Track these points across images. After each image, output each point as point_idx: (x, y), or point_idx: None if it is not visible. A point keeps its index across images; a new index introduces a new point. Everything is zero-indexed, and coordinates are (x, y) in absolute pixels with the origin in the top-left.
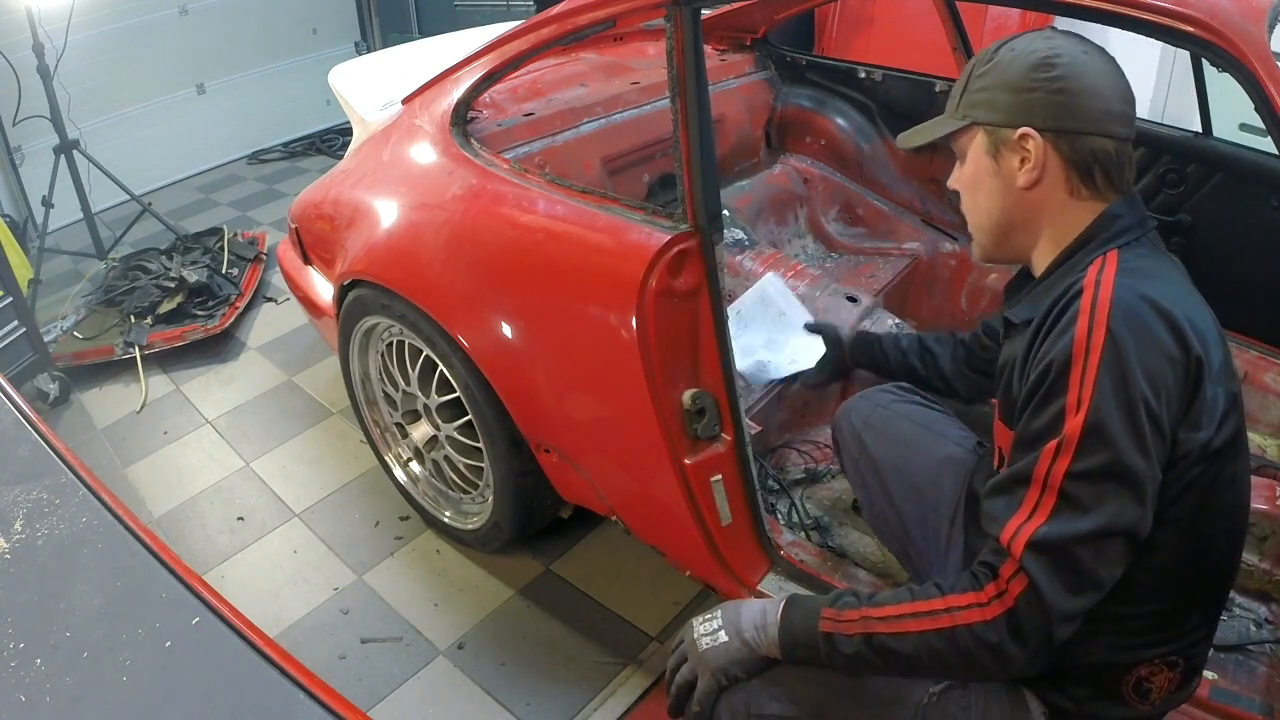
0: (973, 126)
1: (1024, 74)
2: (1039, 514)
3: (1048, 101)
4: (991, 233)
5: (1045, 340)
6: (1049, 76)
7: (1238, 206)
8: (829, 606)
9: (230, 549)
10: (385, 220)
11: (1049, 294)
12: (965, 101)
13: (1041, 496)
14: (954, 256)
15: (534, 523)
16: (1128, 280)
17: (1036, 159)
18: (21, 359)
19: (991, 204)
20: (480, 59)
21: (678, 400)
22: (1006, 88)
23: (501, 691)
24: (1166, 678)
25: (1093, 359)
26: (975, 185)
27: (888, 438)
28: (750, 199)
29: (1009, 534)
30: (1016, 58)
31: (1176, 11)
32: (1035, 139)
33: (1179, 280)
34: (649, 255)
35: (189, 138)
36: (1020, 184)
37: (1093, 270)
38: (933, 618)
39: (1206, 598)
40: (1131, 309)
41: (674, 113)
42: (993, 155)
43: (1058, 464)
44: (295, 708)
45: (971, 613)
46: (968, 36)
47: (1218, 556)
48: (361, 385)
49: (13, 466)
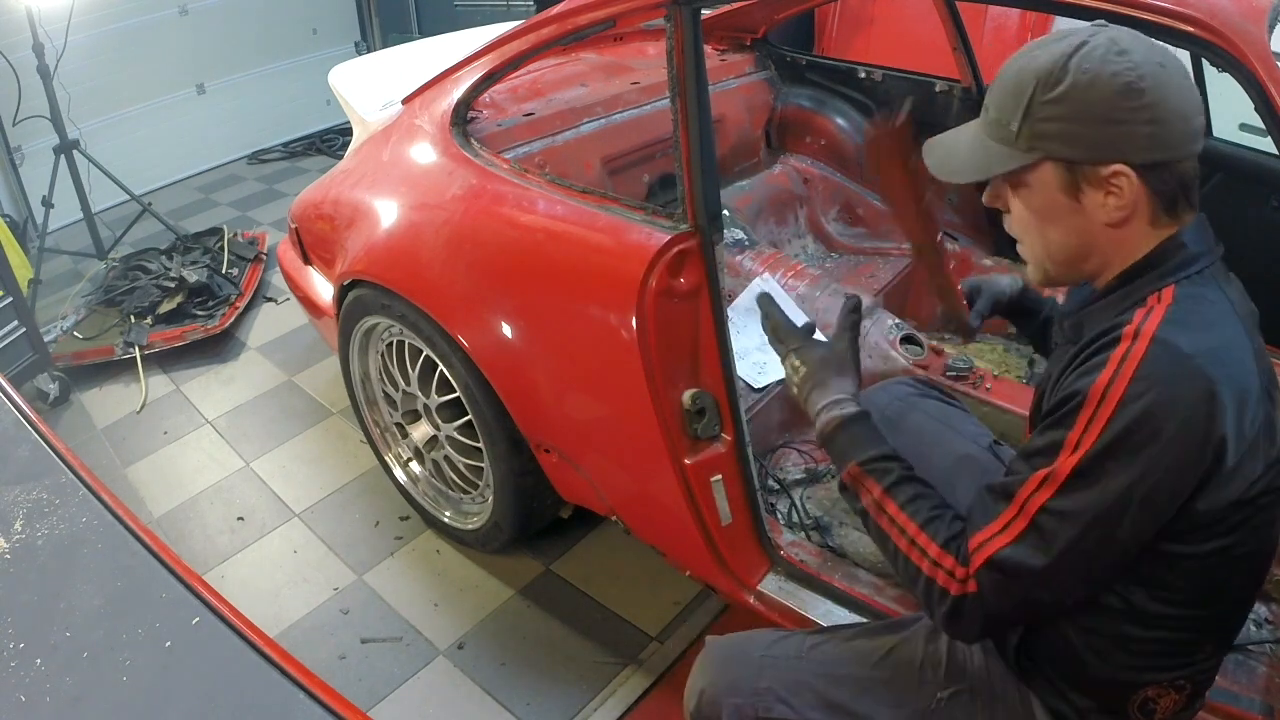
0: (1043, 160)
1: (1110, 103)
2: (1006, 534)
3: (1139, 134)
4: (1064, 265)
5: (1074, 371)
6: (1139, 105)
7: (1237, 206)
8: (859, 464)
9: (230, 549)
10: (385, 220)
11: (1100, 319)
12: (1031, 131)
13: (1014, 519)
14: (954, 256)
15: (534, 523)
16: (1170, 334)
17: (1130, 197)
18: (21, 359)
19: (1067, 240)
20: (480, 59)
21: (678, 400)
22: (1090, 119)
23: (501, 691)
24: (1172, 699)
25: (1103, 411)
26: (1045, 221)
27: (904, 431)
28: (750, 199)
29: (975, 543)
30: (1096, 82)
31: (1176, 11)
32: (1130, 177)
33: (1229, 325)
34: (649, 255)
35: (189, 138)
36: (1105, 220)
37: (1138, 315)
38: (919, 552)
39: (1222, 629)
40: (1157, 379)
41: (674, 113)
42: (1071, 193)
43: (1039, 493)
44: (295, 708)
45: (940, 573)
46: (968, 36)
47: (1237, 595)
48: (361, 385)
49: (13, 466)
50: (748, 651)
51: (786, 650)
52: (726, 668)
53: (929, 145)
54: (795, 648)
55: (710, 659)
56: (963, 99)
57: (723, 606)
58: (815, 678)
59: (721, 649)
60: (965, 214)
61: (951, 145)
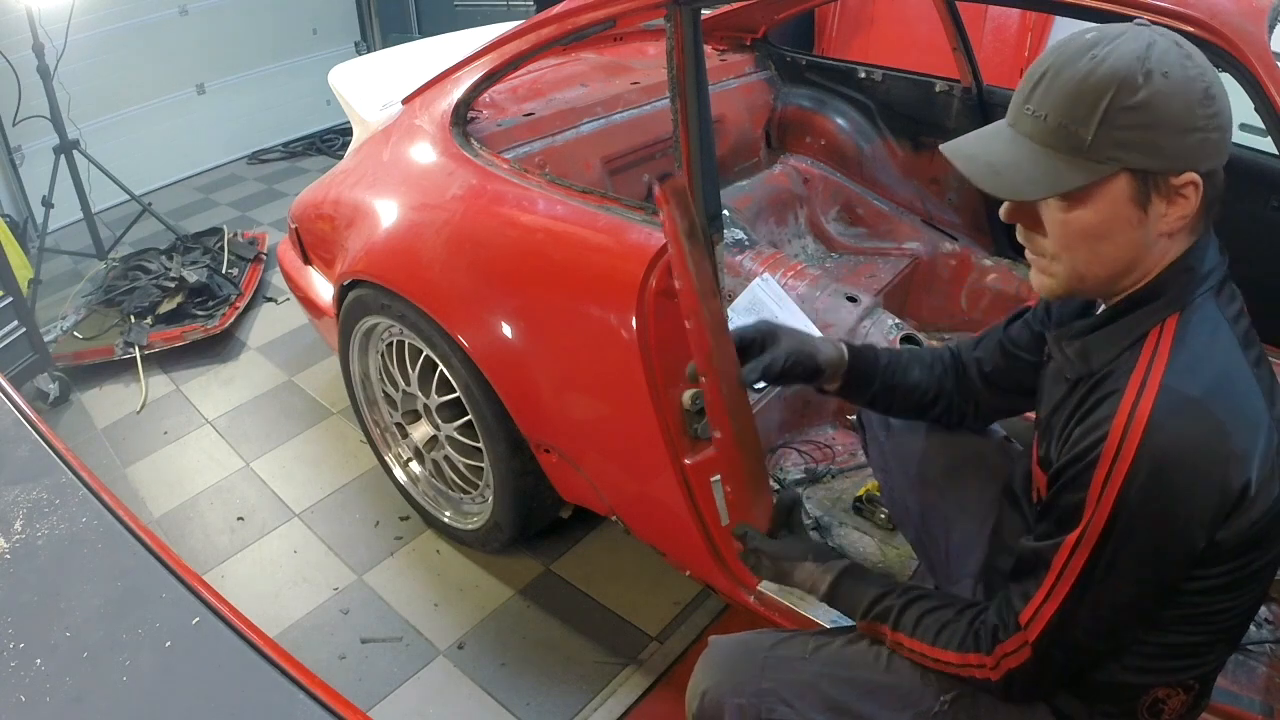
0: (1120, 172)
1: (1190, 111)
2: (1053, 599)
3: (1212, 141)
4: (1105, 281)
5: (1082, 419)
6: (1213, 112)
7: (1237, 206)
8: (863, 618)
9: (230, 549)
10: (385, 220)
11: (1106, 347)
12: (1109, 140)
13: (1056, 583)
14: (954, 256)
15: (534, 523)
16: (1177, 382)
17: (1194, 206)
18: (21, 359)
19: (1121, 253)
20: (480, 59)
21: (678, 400)
22: (1173, 128)
23: (501, 691)
24: (1181, 700)
25: (1118, 471)
26: (1103, 236)
27: (917, 426)
28: (750, 199)
29: (1027, 615)
30: (1177, 88)
31: (1176, 11)
32: (1198, 186)
33: (1229, 352)
34: (649, 255)
35: (189, 138)
36: (1164, 230)
37: (1144, 356)
38: (946, 665)
39: (1233, 629)
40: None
41: (674, 113)
42: (1140, 204)
43: (1076, 557)
44: (295, 708)
45: (976, 671)
46: (968, 36)
47: (1249, 601)
48: (361, 385)
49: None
50: (751, 652)
51: (790, 651)
52: (730, 668)
53: (963, 156)
54: (799, 649)
55: (713, 659)
56: (963, 99)
57: (723, 606)
58: (819, 679)
59: (724, 649)
60: (965, 214)
61: (1001, 158)
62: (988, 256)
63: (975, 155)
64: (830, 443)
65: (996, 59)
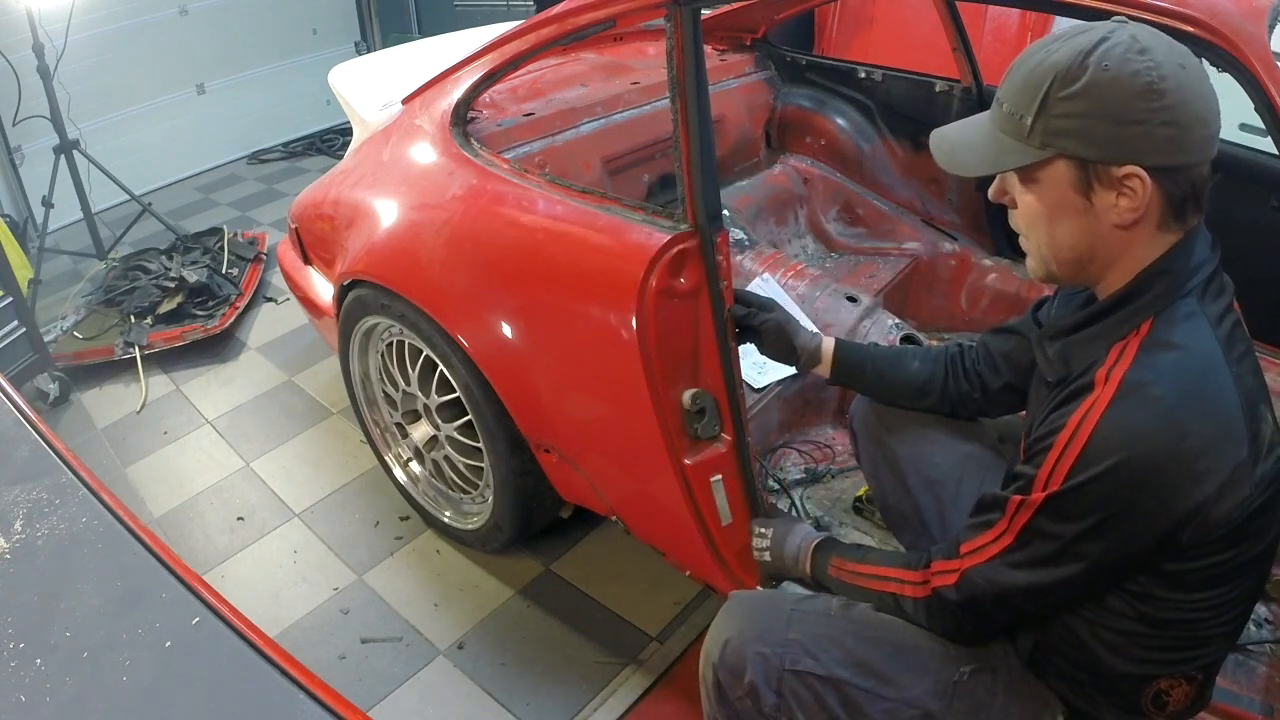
0: (1057, 157)
1: (1128, 103)
2: (996, 545)
3: (1157, 136)
4: (1069, 265)
5: (1055, 408)
6: (1158, 107)
7: (1237, 206)
8: (838, 555)
9: (230, 549)
10: (385, 220)
11: (1084, 352)
12: (1045, 127)
13: (1003, 534)
14: (954, 256)
15: (534, 523)
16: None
17: (1142, 199)
18: (21, 359)
19: (1075, 239)
20: (480, 59)
21: (678, 400)
22: (1107, 118)
23: (501, 691)
24: (1185, 691)
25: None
26: (1054, 218)
27: (907, 429)
28: (750, 199)
29: (969, 548)
30: (1116, 80)
31: (1176, 11)
32: (1143, 179)
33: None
34: (649, 255)
35: (189, 138)
36: (1116, 222)
37: (1113, 354)
38: (882, 582)
39: (1234, 618)
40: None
41: (674, 113)
42: (1083, 191)
43: (1019, 515)
44: (295, 708)
45: (908, 587)
46: (968, 36)
47: (1245, 590)
48: (361, 385)
49: (13, 466)
50: (777, 604)
51: (816, 607)
52: (754, 617)
53: (937, 136)
54: (825, 605)
55: (736, 610)
56: (963, 99)
57: None
58: (845, 635)
59: (748, 602)
60: (965, 214)
61: (960, 138)
62: (988, 256)
63: (946, 135)
64: (830, 443)
65: (996, 59)
